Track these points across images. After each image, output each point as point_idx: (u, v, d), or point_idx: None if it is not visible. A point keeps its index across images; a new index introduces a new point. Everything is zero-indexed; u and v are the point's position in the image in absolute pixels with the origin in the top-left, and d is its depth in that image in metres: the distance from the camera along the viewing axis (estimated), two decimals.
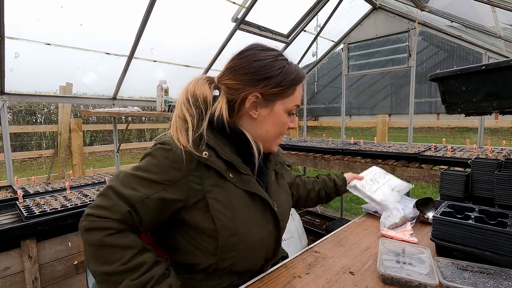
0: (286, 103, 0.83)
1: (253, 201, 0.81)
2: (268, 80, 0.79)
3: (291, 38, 3.45)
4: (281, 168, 1.02)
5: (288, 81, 0.81)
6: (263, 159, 0.89)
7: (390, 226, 1.12)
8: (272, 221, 0.85)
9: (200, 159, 0.73)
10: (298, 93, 0.85)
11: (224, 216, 0.75)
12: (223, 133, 0.80)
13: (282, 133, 0.87)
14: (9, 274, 1.40)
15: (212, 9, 2.63)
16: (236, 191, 0.78)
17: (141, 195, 0.69)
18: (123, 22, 2.35)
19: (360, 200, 4.42)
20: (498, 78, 0.85)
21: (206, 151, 0.74)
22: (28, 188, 1.96)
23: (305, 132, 4.36)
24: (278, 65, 0.80)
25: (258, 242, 0.80)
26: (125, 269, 0.65)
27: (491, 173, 1.11)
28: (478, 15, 2.57)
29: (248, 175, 0.81)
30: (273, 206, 0.84)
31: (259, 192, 0.81)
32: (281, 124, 0.85)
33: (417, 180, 2.16)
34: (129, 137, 9.35)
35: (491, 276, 0.75)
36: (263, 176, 0.88)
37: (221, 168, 0.76)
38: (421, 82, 9.78)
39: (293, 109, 0.86)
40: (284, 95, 0.82)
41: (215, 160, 0.75)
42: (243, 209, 0.78)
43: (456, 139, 8.12)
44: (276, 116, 0.83)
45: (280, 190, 0.95)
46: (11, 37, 1.97)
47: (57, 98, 2.78)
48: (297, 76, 0.83)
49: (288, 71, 0.82)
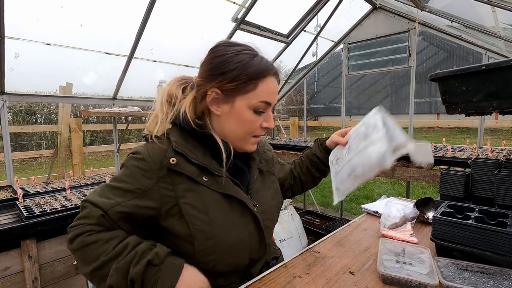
0: (248, 99, 0.78)
1: (229, 203, 0.80)
2: (224, 74, 0.77)
3: (291, 38, 3.45)
4: (267, 166, 0.98)
5: (245, 75, 0.76)
6: (245, 157, 0.89)
7: (390, 226, 1.12)
8: (252, 221, 0.83)
9: (168, 166, 0.75)
10: (264, 88, 0.78)
11: (198, 220, 0.75)
12: (194, 136, 0.80)
13: (252, 133, 0.82)
14: (9, 274, 1.40)
15: (212, 9, 2.63)
16: (211, 194, 0.78)
17: (113, 202, 0.72)
18: (123, 22, 2.35)
19: (360, 200, 4.40)
20: (498, 78, 0.85)
21: (173, 158, 0.75)
22: (28, 188, 1.96)
23: (305, 132, 4.36)
24: (238, 59, 0.77)
25: (238, 244, 0.79)
26: (110, 258, 0.67)
27: (491, 173, 1.11)
28: (478, 15, 2.57)
29: (223, 176, 0.80)
30: (251, 207, 0.82)
31: (234, 193, 0.80)
32: (246, 123, 0.80)
33: (417, 180, 2.16)
34: (129, 137, 9.35)
35: (491, 276, 0.75)
36: (242, 176, 0.87)
37: (192, 173, 0.76)
38: (421, 82, 9.77)
39: (260, 106, 0.79)
40: (244, 91, 0.77)
41: (185, 166, 0.76)
42: (218, 212, 0.77)
43: (456, 139, 8.12)
44: (238, 113, 0.79)
45: (264, 188, 0.93)
46: (11, 37, 1.97)
47: (57, 98, 2.78)
48: (258, 70, 0.77)
49: (248, 65, 0.77)
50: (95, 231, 0.70)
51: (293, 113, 10.61)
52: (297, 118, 5.67)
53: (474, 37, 2.74)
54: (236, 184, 0.83)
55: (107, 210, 0.71)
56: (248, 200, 0.83)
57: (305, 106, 4.39)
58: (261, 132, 0.83)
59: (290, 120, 5.76)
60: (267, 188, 0.95)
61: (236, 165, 0.85)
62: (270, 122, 0.83)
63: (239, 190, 0.82)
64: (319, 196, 5.02)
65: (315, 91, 12.98)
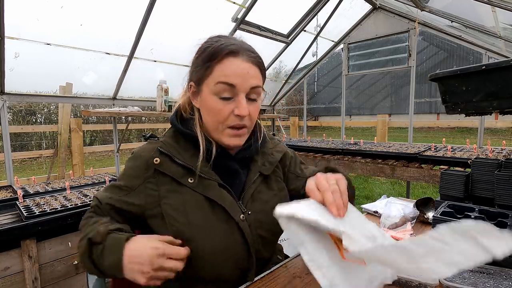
0: (208, 84, 0.74)
1: (212, 207, 0.76)
2: (192, 66, 0.79)
3: (291, 38, 3.45)
4: (270, 169, 0.88)
5: (201, 60, 0.75)
6: (243, 158, 0.83)
7: (390, 226, 1.12)
8: (237, 228, 0.77)
9: (153, 166, 0.77)
10: (221, 69, 0.72)
11: (176, 222, 0.73)
12: (183, 135, 0.81)
13: (223, 122, 0.75)
14: (9, 274, 1.40)
15: (212, 9, 2.64)
16: (194, 196, 0.75)
17: (106, 196, 0.79)
18: (123, 22, 2.35)
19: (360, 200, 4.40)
20: (498, 78, 0.85)
21: (157, 158, 0.77)
22: (28, 188, 1.96)
23: (305, 132, 4.36)
24: (203, 46, 0.77)
25: (222, 251, 0.75)
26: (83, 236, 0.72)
27: (491, 173, 1.11)
28: (478, 15, 2.57)
29: (209, 179, 0.77)
30: (234, 213, 0.76)
31: (215, 197, 0.76)
32: (213, 111, 0.74)
33: (417, 180, 2.16)
34: (129, 137, 9.35)
35: (491, 276, 0.75)
36: (235, 179, 0.82)
37: (176, 173, 0.76)
38: (421, 82, 9.77)
39: (221, 89, 0.72)
40: (205, 76, 0.74)
41: (169, 166, 0.77)
42: (198, 215, 0.74)
43: (456, 139, 8.12)
44: (205, 101, 0.76)
45: (266, 195, 0.85)
46: (11, 37, 1.97)
47: (57, 98, 2.78)
48: (212, 51, 0.74)
49: (206, 49, 0.75)
50: (91, 216, 0.78)
51: (293, 113, 10.61)
52: (297, 118, 5.67)
53: (474, 37, 2.75)
54: (224, 188, 0.78)
55: (101, 201, 0.78)
56: (233, 206, 0.77)
57: (305, 106, 4.40)
58: (235, 121, 0.74)
59: (290, 120, 5.77)
60: (270, 194, 0.86)
61: (229, 167, 0.81)
62: (241, 109, 0.72)
63: (224, 194, 0.77)
64: None
65: (315, 91, 12.99)
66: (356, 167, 2.45)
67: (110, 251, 0.65)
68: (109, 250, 0.65)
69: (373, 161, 2.36)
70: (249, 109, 0.75)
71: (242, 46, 0.76)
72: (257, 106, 0.79)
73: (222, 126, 0.75)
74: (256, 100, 0.78)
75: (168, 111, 2.60)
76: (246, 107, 0.73)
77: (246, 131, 0.79)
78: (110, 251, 0.65)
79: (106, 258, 0.65)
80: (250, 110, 0.75)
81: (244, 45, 0.77)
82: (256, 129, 0.89)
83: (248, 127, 0.78)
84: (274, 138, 1.01)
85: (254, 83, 0.74)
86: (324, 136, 3.78)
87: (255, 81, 0.75)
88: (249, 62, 0.74)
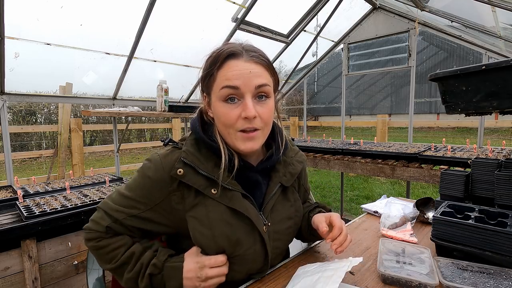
0: (215, 91, 0.73)
1: (237, 218, 0.75)
2: (202, 77, 0.79)
3: (291, 38, 3.45)
4: (290, 181, 0.87)
5: (206, 70, 0.75)
6: (264, 168, 0.82)
7: (390, 226, 1.12)
8: (259, 240, 0.78)
9: (176, 177, 0.73)
10: (223, 74, 0.72)
11: (201, 236, 0.74)
12: (205, 144, 0.77)
13: (232, 126, 0.73)
14: (9, 274, 1.40)
15: (212, 9, 2.64)
16: (218, 207, 0.74)
17: (125, 214, 0.76)
18: (123, 22, 2.35)
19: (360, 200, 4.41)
20: (498, 78, 0.85)
21: (180, 169, 0.73)
22: (28, 188, 1.96)
23: (305, 132, 4.36)
24: (207, 57, 0.77)
25: (239, 259, 0.76)
26: (119, 265, 0.76)
27: (491, 173, 1.11)
28: (478, 15, 2.57)
29: (233, 190, 0.75)
30: (259, 225, 0.77)
31: (241, 209, 0.75)
32: (221, 116, 0.73)
33: (417, 180, 2.16)
34: (129, 137, 9.35)
35: (491, 276, 0.75)
36: (256, 190, 0.81)
37: (200, 185, 0.73)
38: (421, 82, 9.78)
39: (225, 93, 0.71)
40: (211, 84, 0.74)
41: (192, 177, 0.73)
42: (224, 227, 0.74)
43: (456, 139, 8.12)
44: (215, 109, 0.75)
45: (284, 206, 0.85)
46: (11, 37, 1.97)
47: (57, 98, 2.78)
48: (212, 59, 0.74)
49: (208, 59, 0.75)
50: (103, 238, 0.77)
51: (293, 113, 10.61)
52: (297, 118, 5.67)
53: (474, 37, 2.75)
54: (247, 198, 0.78)
55: (119, 219, 0.76)
56: (257, 217, 0.77)
57: (305, 106, 4.39)
58: (244, 125, 0.72)
59: (290, 120, 5.77)
60: (287, 205, 0.86)
61: (250, 178, 0.80)
62: (247, 110, 0.70)
63: (248, 205, 0.77)
64: (319, 196, 5.02)
65: (315, 91, 12.98)
66: (356, 167, 2.45)
67: (172, 279, 0.73)
68: (170, 279, 0.74)
69: (373, 161, 2.36)
70: (258, 110, 0.72)
71: (243, 47, 0.74)
72: (269, 106, 0.75)
73: (232, 130, 0.73)
74: (267, 99, 0.74)
75: (168, 111, 2.60)
76: (252, 108, 0.71)
77: (259, 133, 0.75)
78: (172, 279, 0.73)
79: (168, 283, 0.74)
80: (260, 110, 0.73)
81: (246, 46, 0.75)
82: (277, 135, 0.85)
83: (261, 129, 0.75)
84: (294, 144, 0.98)
85: (259, 82, 0.72)
86: (324, 136, 3.78)
87: (260, 80, 0.72)
88: (251, 62, 0.72)
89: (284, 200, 0.86)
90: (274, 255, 0.83)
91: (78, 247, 1.61)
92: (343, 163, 2.54)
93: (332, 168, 2.64)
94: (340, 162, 2.56)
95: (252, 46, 0.76)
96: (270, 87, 0.75)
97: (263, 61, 0.74)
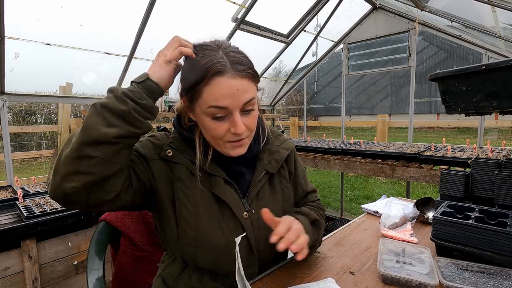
0: (200, 106, 0.72)
1: (219, 203, 0.79)
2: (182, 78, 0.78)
3: (291, 38, 3.45)
4: (276, 167, 0.87)
5: (188, 85, 0.73)
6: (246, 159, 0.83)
7: (390, 226, 1.12)
8: (240, 227, 0.78)
9: (166, 157, 0.79)
10: (211, 92, 0.69)
11: (185, 209, 0.77)
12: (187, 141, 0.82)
13: (220, 139, 0.74)
14: (9, 274, 1.40)
15: (212, 9, 2.64)
16: (203, 190, 0.78)
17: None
18: (123, 22, 2.35)
19: (360, 200, 4.41)
20: (498, 78, 0.85)
21: (170, 150, 0.80)
22: (28, 188, 1.96)
23: (305, 132, 4.36)
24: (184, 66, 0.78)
25: (222, 246, 0.76)
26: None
27: (491, 173, 1.11)
28: (478, 15, 2.57)
29: (216, 175, 0.79)
30: (239, 212, 0.78)
31: (222, 194, 0.78)
32: (209, 130, 0.74)
33: (417, 180, 2.16)
34: None
35: (491, 276, 0.75)
36: (241, 179, 0.83)
37: (188, 164, 0.79)
38: (421, 82, 9.78)
39: (213, 112, 0.70)
40: (195, 98, 0.72)
41: (181, 157, 0.80)
42: (206, 208, 0.77)
43: (456, 139, 8.12)
44: (200, 120, 0.75)
45: (270, 193, 0.86)
46: (11, 37, 1.97)
47: (57, 98, 2.78)
48: (197, 75, 0.70)
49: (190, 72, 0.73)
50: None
51: (293, 113, 10.61)
52: (297, 118, 5.66)
53: (474, 37, 2.75)
54: (230, 185, 0.80)
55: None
56: (238, 203, 0.79)
57: (305, 106, 4.39)
58: (233, 138, 0.74)
59: (290, 120, 5.76)
60: (274, 193, 0.87)
61: (231, 168, 0.82)
62: (236, 127, 0.71)
63: (228, 191, 0.79)
64: (319, 196, 5.02)
65: (315, 91, 12.98)
66: (356, 167, 2.45)
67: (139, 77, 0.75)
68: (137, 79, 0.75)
69: (373, 161, 2.36)
70: (245, 121, 0.73)
71: (228, 59, 0.70)
72: (254, 116, 0.76)
73: (221, 141, 0.76)
74: (252, 110, 0.75)
75: (168, 111, 2.60)
76: (241, 125, 0.72)
77: (247, 140, 0.78)
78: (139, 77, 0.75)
79: (136, 85, 0.73)
80: (247, 122, 0.74)
81: (230, 57, 0.71)
82: (259, 127, 0.86)
83: (249, 137, 0.78)
84: (282, 135, 0.98)
85: (247, 98, 0.71)
86: (324, 136, 3.78)
87: (247, 96, 0.71)
88: (238, 78, 0.70)
89: (272, 188, 0.87)
90: (261, 244, 0.81)
91: (78, 247, 1.61)
92: (343, 163, 2.54)
93: (332, 168, 2.64)
94: (340, 162, 2.56)
95: (235, 53, 0.73)
96: (255, 97, 0.76)
97: (249, 73, 0.72)
